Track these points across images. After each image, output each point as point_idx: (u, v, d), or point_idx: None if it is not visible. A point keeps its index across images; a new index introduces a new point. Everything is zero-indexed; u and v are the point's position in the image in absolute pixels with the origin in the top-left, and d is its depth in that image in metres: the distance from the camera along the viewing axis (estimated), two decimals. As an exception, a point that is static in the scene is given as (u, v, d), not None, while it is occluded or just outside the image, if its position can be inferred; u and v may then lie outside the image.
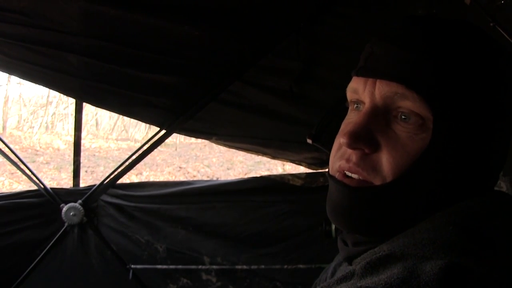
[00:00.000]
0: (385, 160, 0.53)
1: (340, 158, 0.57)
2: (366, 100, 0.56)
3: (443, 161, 0.52)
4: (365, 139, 0.53)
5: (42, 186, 2.19)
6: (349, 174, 0.56)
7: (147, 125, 8.45)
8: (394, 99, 0.53)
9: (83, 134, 8.88)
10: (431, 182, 0.52)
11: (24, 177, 2.21)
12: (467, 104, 0.52)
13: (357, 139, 0.53)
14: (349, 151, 0.56)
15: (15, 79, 9.23)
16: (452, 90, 0.51)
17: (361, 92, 0.57)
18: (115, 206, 2.30)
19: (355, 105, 0.60)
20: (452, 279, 0.41)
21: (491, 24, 1.69)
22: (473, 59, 0.52)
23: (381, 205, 0.54)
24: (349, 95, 0.60)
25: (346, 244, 0.62)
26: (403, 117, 0.53)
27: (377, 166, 0.53)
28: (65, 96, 6.08)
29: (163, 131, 2.22)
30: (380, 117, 0.54)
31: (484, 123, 0.53)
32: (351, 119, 0.60)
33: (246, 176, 4.30)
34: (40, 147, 8.49)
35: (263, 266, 2.32)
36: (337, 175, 0.58)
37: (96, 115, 11.02)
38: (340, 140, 0.56)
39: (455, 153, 0.52)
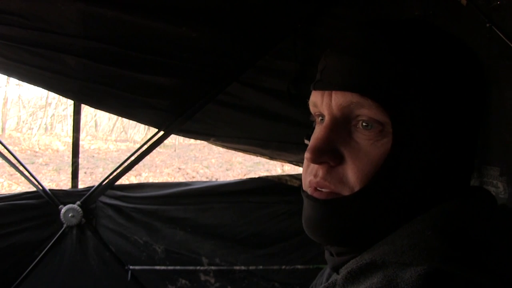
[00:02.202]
0: (351, 171, 0.53)
1: (310, 174, 0.57)
2: (325, 112, 0.56)
3: (408, 164, 0.51)
4: (328, 153, 0.53)
5: (40, 187, 2.19)
6: (319, 189, 0.56)
7: (146, 126, 8.46)
8: (351, 109, 0.53)
9: (82, 136, 8.91)
10: (400, 186, 0.52)
11: (23, 178, 2.21)
12: (425, 105, 0.51)
13: (319, 153, 0.53)
14: (316, 166, 0.56)
15: (14, 80, 9.25)
16: (407, 93, 0.51)
17: (320, 105, 0.57)
18: (114, 207, 2.31)
19: (320, 118, 0.60)
20: (431, 286, 0.40)
21: (488, 25, 1.69)
22: (426, 60, 0.52)
23: (352, 214, 0.53)
24: (312, 109, 0.60)
25: (332, 254, 0.61)
26: (364, 124, 0.53)
27: (344, 178, 0.53)
28: (63, 97, 6.08)
29: (162, 132, 2.22)
30: (341, 128, 0.54)
31: (444, 122, 0.52)
32: (316, 133, 0.59)
33: (245, 177, 4.31)
34: (39, 148, 8.49)
35: (261, 267, 2.33)
36: (309, 190, 0.58)
37: (95, 116, 11.03)
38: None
39: (419, 155, 0.52)
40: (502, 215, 0.53)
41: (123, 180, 2.59)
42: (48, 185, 5.81)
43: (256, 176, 3.10)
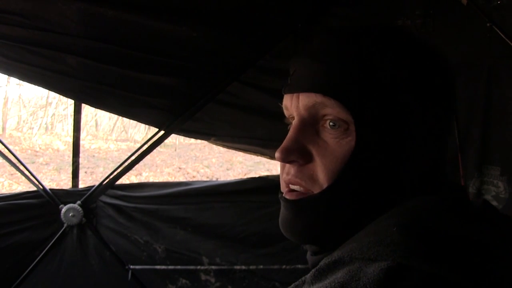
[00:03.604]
0: (319, 168, 0.55)
1: (284, 173, 0.61)
2: (294, 114, 0.60)
3: (372, 161, 0.54)
4: (297, 152, 0.56)
5: (41, 187, 2.19)
6: (293, 187, 0.59)
7: (147, 126, 8.46)
8: (316, 109, 0.56)
9: (83, 135, 8.91)
10: (366, 183, 0.54)
11: (24, 178, 2.21)
12: (385, 104, 0.54)
13: (288, 153, 0.56)
14: (288, 165, 0.59)
15: (14, 80, 9.25)
16: (367, 93, 0.53)
17: (290, 107, 0.61)
18: (114, 207, 2.31)
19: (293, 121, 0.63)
20: (392, 280, 0.41)
21: (488, 25, 1.69)
22: (386, 62, 0.55)
23: (321, 212, 0.56)
24: (285, 112, 0.65)
25: (311, 254, 0.64)
26: (331, 124, 0.55)
27: (313, 175, 0.56)
28: (64, 97, 6.08)
29: (162, 132, 2.22)
30: (309, 128, 0.57)
31: (407, 119, 0.54)
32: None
33: (245, 177, 4.31)
34: (40, 148, 8.49)
35: (261, 267, 2.33)
36: (285, 191, 0.61)
37: (95, 116, 11.04)
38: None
39: (382, 153, 0.54)
40: (470, 211, 0.53)
41: (124, 180, 2.60)
42: (49, 184, 5.80)
43: (257, 175, 3.11)
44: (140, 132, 11.16)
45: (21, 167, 2.19)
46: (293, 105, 0.60)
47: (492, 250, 0.46)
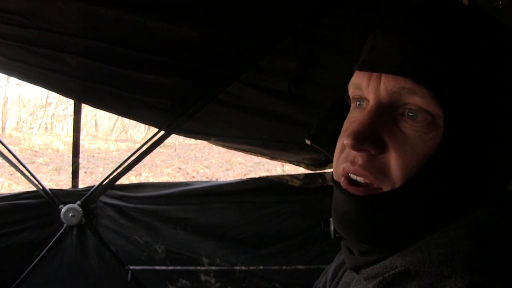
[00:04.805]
0: (394, 162, 0.48)
1: (344, 160, 0.53)
2: (371, 96, 0.52)
3: (456, 162, 0.47)
4: (371, 140, 0.49)
5: (41, 187, 2.19)
6: (354, 177, 0.52)
7: (146, 126, 8.45)
8: (401, 95, 0.49)
9: (82, 135, 8.89)
10: (444, 186, 0.48)
11: (23, 178, 2.21)
12: (480, 100, 0.47)
13: (362, 139, 0.49)
14: (354, 152, 0.51)
15: (14, 80, 9.25)
16: (464, 85, 0.47)
17: (365, 88, 0.52)
18: (114, 207, 2.30)
19: (358, 102, 0.55)
20: None
21: (489, 25, 1.69)
22: (487, 52, 0.48)
23: (391, 213, 0.50)
24: (352, 91, 0.55)
25: (351, 251, 0.58)
26: (410, 114, 0.48)
27: (385, 169, 0.49)
28: (64, 97, 6.07)
29: (162, 132, 2.22)
30: (386, 115, 0.50)
31: (499, 120, 0.48)
32: (355, 117, 0.55)
33: (245, 177, 4.30)
34: (39, 148, 8.48)
35: (262, 267, 2.32)
36: (342, 180, 0.54)
37: (95, 116, 11.03)
38: (343, 141, 0.51)
39: (469, 154, 0.48)
40: None
41: (124, 180, 2.59)
42: (48, 184, 5.78)
43: (257, 176, 3.10)
44: (140, 132, 11.15)
45: (21, 167, 2.19)
46: (371, 86, 0.51)
47: None
